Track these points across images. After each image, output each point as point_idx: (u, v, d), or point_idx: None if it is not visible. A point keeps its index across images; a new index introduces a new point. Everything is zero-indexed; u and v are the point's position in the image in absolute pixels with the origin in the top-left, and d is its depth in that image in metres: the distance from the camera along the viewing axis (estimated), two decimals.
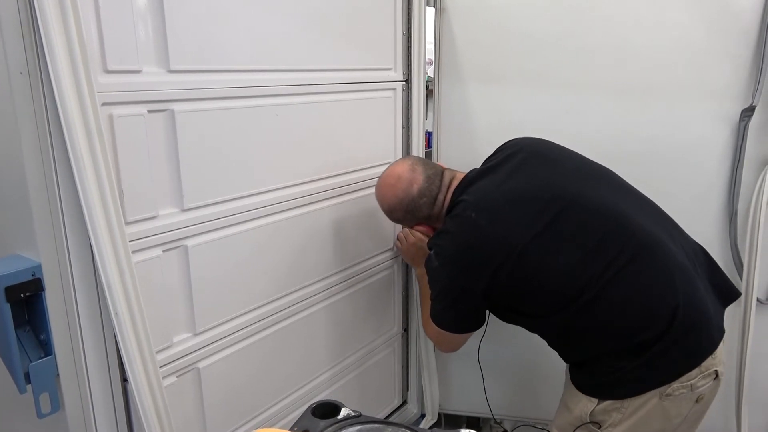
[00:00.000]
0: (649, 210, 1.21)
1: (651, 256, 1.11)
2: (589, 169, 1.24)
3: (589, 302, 1.09)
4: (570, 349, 1.20)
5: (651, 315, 1.08)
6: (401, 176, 1.28)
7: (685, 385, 1.07)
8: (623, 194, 1.21)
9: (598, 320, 1.11)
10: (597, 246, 1.11)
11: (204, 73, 1.07)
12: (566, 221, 1.12)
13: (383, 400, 1.81)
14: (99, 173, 0.89)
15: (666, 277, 1.10)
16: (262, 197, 1.22)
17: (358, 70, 1.44)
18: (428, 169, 1.29)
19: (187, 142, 1.05)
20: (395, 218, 1.35)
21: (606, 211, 1.14)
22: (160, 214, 1.04)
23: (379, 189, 1.33)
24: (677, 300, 1.08)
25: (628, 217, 1.14)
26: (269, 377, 1.33)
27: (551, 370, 1.70)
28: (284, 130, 1.25)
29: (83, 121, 0.86)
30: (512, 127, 1.66)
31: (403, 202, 1.28)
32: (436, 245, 1.21)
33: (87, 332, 0.95)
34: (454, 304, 1.21)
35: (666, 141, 1.61)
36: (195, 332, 1.14)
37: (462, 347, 1.33)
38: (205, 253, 1.12)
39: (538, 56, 1.63)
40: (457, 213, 1.20)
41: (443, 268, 1.19)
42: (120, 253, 0.92)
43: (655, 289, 1.09)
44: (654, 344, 1.07)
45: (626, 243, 1.11)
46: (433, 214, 1.28)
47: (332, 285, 1.47)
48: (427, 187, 1.26)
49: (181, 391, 1.13)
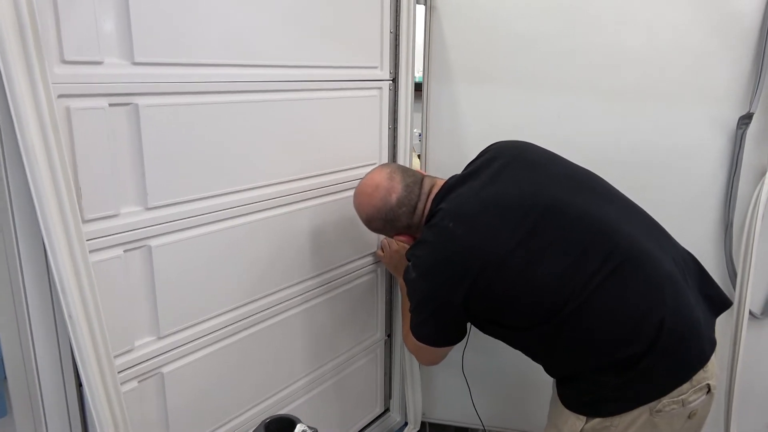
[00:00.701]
0: (637, 218, 1.16)
1: (637, 266, 1.06)
2: (575, 175, 1.20)
3: (571, 315, 1.05)
4: (554, 363, 1.15)
5: (636, 328, 1.03)
6: (379, 185, 1.23)
7: (676, 401, 1.02)
8: (610, 201, 1.17)
9: (582, 334, 1.06)
10: (580, 256, 1.06)
11: (172, 66, 1.03)
12: (547, 230, 1.08)
13: (365, 407, 1.76)
14: (53, 167, 0.84)
15: (652, 288, 1.05)
16: (233, 197, 1.17)
17: (341, 67, 1.39)
18: (407, 178, 1.24)
19: (152, 138, 1.01)
20: (374, 228, 1.30)
21: (590, 218, 1.09)
22: (122, 213, 0.99)
23: (357, 198, 1.29)
24: (664, 312, 1.03)
25: (613, 225, 1.10)
26: (239, 383, 1.29)
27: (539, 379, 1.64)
28: (260, 128, 1.21)
29: (36, 113, 0.82)
30: (503, 129, 1.62)
31: (381, 212, 1.23)
32: (413, 256, 1.17)
33: (38, 333, 0.91)
34: (432, 316, 1.17)
35: (660, 147, 1.56)
36: (159, 336, 1.09)
37: (447, 356, 1.28)
38: (171, 254, 1.08)
39: (530, 57, 1.58)
40: (435, 222, 1.16)
41: (421, 280, 1.14)
42: (76, 253, 0.88)
43: (641, 301, 1.04)
44: (641, 358, 1.02)
45: (611, 252, 1.06)
46: (413, 223, 1.24)
47: (309, 289, 1.42)
48: (405, 196, 1.22)
49: (143, 397, 1.08)
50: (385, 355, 1.78)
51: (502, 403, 1.84)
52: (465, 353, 1.61)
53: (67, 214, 0.86)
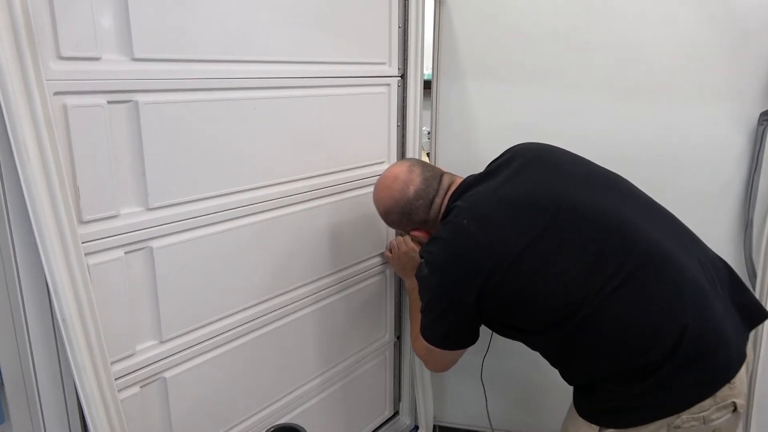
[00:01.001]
0: (660, 219, 1.11)
1: (657, 269, 1.01)
2: (596, 175, 1.15)
3: (586, 319, 1.00)
4: (569, 370, 1.11)
5: (655, 334, 0.98)
6: (398, 177, 1.22)
7: (696, 417, 0.97)
8: (631, 201, 1.12)
9: (597, 339, 1.01)
10: (596, 257, 1.01)
11: (173, 62, 0.99)
12: (562, 230, 1.04)
13: (373, 410, 1.73)
14: (47, 167, 0.81)
15: (674, 293, 1.00)
16: (237, 197, 1.14)
17: (349, 63, 1.36)
18: (426, 172, 1.23)
19: (153, 136, 0.98)
20: (391, 221, 1.28)
21: (607, 219, 1.05)
22: (122, 213, 0.96)
23: (376, 190, 1.27)
24: (686, 319, 0.97)
25: (632, 225, 1.05)
26: (244, 388, 1.25)
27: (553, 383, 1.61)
28: (264, 126, 1.17)
29: (29, 111, 0.79)
30: (513, 127, 1.59)
31: (399, 204, 1.21)
32: (427, 252, 1.14)
33: (36, 338, 0.88)
34: (443, 315, 1.13)
35: (677, 145, 1.51)
36: (161, 340, 1.06)
37: (459, 361, 1.24)
38: (173, 256, 1.05)
39: (542, 53, 1.54)
40: (449, 219, 1.13)
41: (433, 277, 1.11)
42: (70, 255, 0.85)
43: (660, 306, 0.99)
44: (659, 368, 0.96)
45: (629, 254, 1.01)
46: (430, 218, 1.21)
47: (316, 291, 1.39)
48: (423, 189, 1.20)
49: (145, 403, 1.06)
50: (394, 357, 1.74)
51: (514, 407, 1.80)
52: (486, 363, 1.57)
53: (61, 214, 0.84)
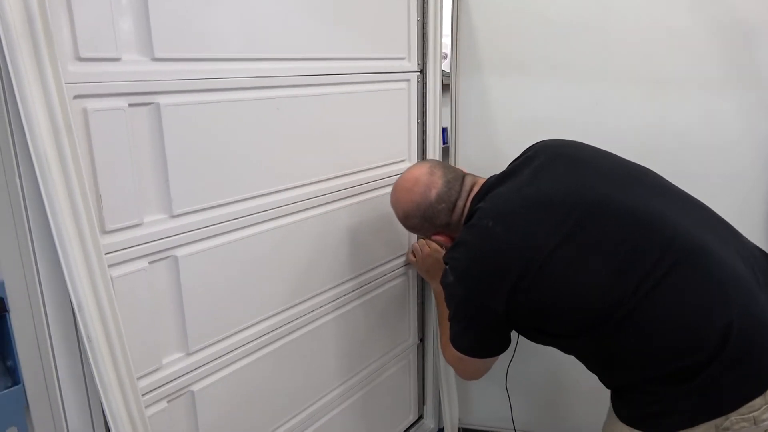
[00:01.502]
0: (695, 211, 1.06)
1: (696, 265, 0.96)
2: (624, 170, 1.10)
3: (623, 321, 0.95)
4: (607, 373, 1.06)
5: (699, 334, 0.93)
6: (419, 180, 1.16)
7: (746, 417, 0.92)
8: (663, 195, 1.07)
9: (636, 342, 0.96)
10: (630, 255, 0.96)
11: (194, 61, 0.95)
12: (593, 228, 0.99)
13: (398, 415, 1.69)
14: (68, 175, 0.77)
15: (716, 289, 0.95)
16: (261, 201, 1.10)
17: (368, 59, 1.31)
18: (448, 173, 1.17)
19: (175, 139, 0.93)
20: (411, 225, 1.22)
21: (639, 214, 1.00)
22: (146, 222, 0.92)
23: (395, 193, 1.21)
24: (731, 315, 0.92)
25: (667, 220, 1.00)
26: (273, 397, 1.21)
27: (579, 385, 1.57)
28: (287, 126, 1.13)
29: (48, 116, 0.75)
30: (536, 121, 1.54)
31: (420, 208, 1.16)
32: (451, 258, 1.08)
33: (61, 358, 0.84)
34: (472, 323, 1.08)
35: (706, 136, 1.46)
36: (188, 352, 1.02)
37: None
38: (198, 264, 1.00)
39: (564, 44, 1.49)
40: (473, 222, 1.08)
41: (459, 283, 1.06)
42: (93, 269, 0.81)
43: (703, 303, 0.94)
44: (705, 368, 0.92)
45: (665, 250, 0.96)
46: (452, 222, 1.16)
47: (341, 295, 1.34)
48: (446, 192, 1.14)
49: (173, 418, 1.01)
50: (418, 360, 1.70)
51: (539, 409, 1.76)
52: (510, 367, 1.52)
53: (84, 225, 0.79)
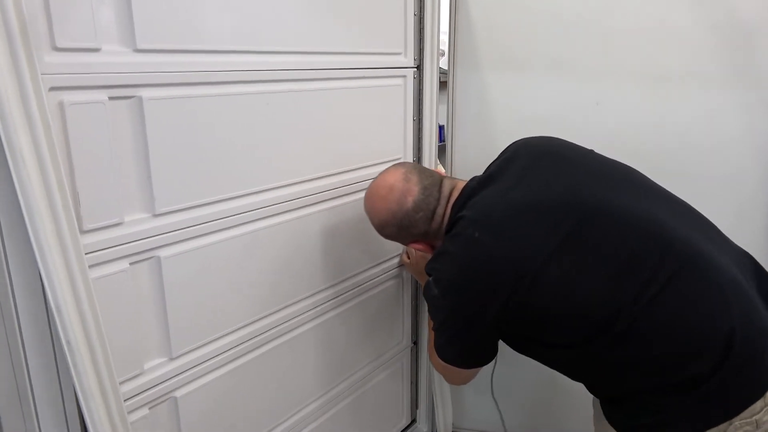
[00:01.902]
0: (686, 215, 1.03)
1: (695, 271, 0.92)
2: (612, 170, 1.06)
3: (624, 331, 0.91)
4: (603, 384, 1.02)
5: (702, 342, 0.90)
6: (394, 187, 1.09)
7: (748, 421, 0.89)
8: (653, 197, 1.03)
9: (637, 352, 0.92)
10: (628, 262, 0.92)
11: (179, 53, 0.91)
12: (588, 234, 0.94)
13: (390, 419, 1.65)
14: (45, 171, 0.73)
15: (718, 295, 0.92)
16: (249, 200, 1.06)
17: (362, 54, 1.27)
18: (425, 179, 1.10)
19: (158, 135, 0.89)
20: (387, 234, 1.16)
21: (636, 219, 0.96)
22: (127, 221, 0.88)
23: (369, 201, 1.14)
24: (733, 322, 0.89)
25: (662, 224, 0.96)
26: (261, 403, 1.17)
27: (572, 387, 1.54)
28: (276, 122, 1.09)
29: (23, 109, 0.70)
30: (535, 119, 1.50)
31: (396, 217, 1.09)
32: (434, 270, 1.03)
33: (35, 363, 0.80)
34: (457, 336, 1.03)
35: (706, 135, 1.43)
36: (171, 357, 0.98)
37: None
38: (182, 266, 0.96)
39: (564, 40, 1.45)
40: (457, 232, 1.01)
41: (444, 298, 1.01)
42: (73, 268, 0.77)
43: (705, 310, 0.91)
44: (710, 376, 0.89)
45: (664, 257, 0.92)
46: (431, 230, 1.10)
47: (334, 296, 1.31)
48: (423, 200, 1.08)
49: (155, 425, 0.97)
50: (411, 363, 1.67)
51: (531, 412, 1.73)
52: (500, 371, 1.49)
53: (62, 223, 0.75)
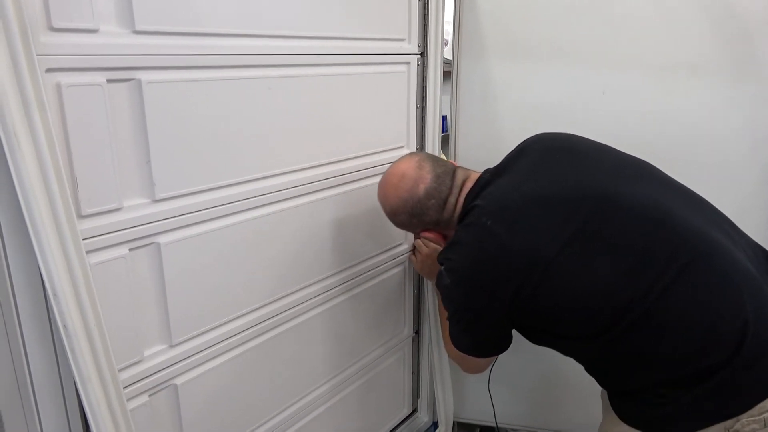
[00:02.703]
0: (700, 208, 1.02)
1: (708, 263, 0.91)
2: (625, 163, 1.05)
3: (635, 323, 0.91)
4: (613, 376, 1.01)
5: (715, 334, 0.89)
6: (406, 174, 1.10)
7: (757, 419, 0.88)
8: (668, 191, 1.02)
9: (649, 344, 0.92)
10: (641, 254, 0.92)
11: (179, 36, 0.89)
12: (601, 226, 0.94)
13: (391, 409, 1.65)
14: (41, 155, 0.71)
15: (731, 288, 0.91)
16: (250, 186, 1.04)
17: (366, 39, 1.25)
18: (437, 168, 1.10)
19: (158, 119, 0.87)
20: (399, 222, 1.16)
21: (650, 211, 0.95)
22: (126, 206, 0.87)
23: (382, 188, 1.15)
24: (746, 315, 0.88)
25: (676, 217, 0.95)
26: (262, 391, 1.17)
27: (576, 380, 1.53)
28: (278, 108, 1.07)
29: (18, 90, 0.69)
30: (541, 109, 1.49)
31: (407, 204, 1.10)
32: (447, 260, 1.03)
33: (33, 349, 0.79)
34: (471, 326, 1.04)
35: (713, 127, 1.41)
36: (171, 344, 0.97)
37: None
38: (182, 252, 0.95)
39: (572, 28, 1.43)
40: (470, 221, 1.02)
41: (456, 288, 1.01)
42: (70, 253, 0.75)
43: (718, 303, 0.90)
44: (720, 369, 0.88)
45: (677, 249, 0.91)
46: (443, 219, 1.10)
47: (334, 286, 1.29)
48: (435, 188, 1.08)
49: (155, 412, 0.97)
50: (413, 353, 1.66)
51: (532, 403, 1.73)
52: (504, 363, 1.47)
53: (59, 208, 0.74)
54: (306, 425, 1.31)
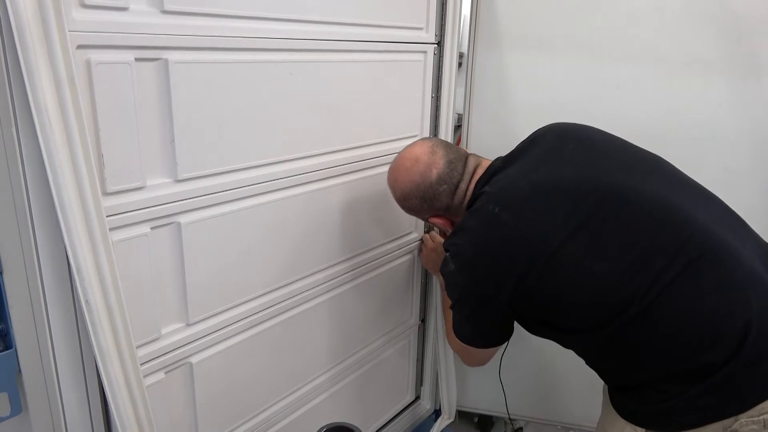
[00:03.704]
0: (711, 206, 1.02)
1: (715, 261, 0.92)
2: (637, 157, 1.05)
3: (636, 317, 0.91)
4: (613, 370, 1.02)
5: (716, 332, 0.89)
6: (419, 159, 1.10)
7: (756, 420, 0.88)
8: (679, 186, 1.02)
9: (650, 339, 0.92)
10: (646, 248, 0.92)
11: (206, 17, 0.89)
12: (608, 218, 0.94)
13: (395, 395, 1.66)
14: (69, 130, 0.72)
15: (736, 287, 0.91)
16: (269, 170, 1.05)
17: (385, 27, 1.25)
18: (450, 153, 1.11)
19: (183, 99, 0.88)
20: (409, 207, 1.16)
21: (658, 205, 0.95)
22: (149, 185, 0.87)
23: (393, 172, 1.15)
24: (750, 314, 0.89)
25: (685, 213, 0.95)
26: (272, 373, 1.18)
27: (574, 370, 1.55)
28: (299, 93, 1.07)
29: (50, 65, 0.69)
30: (555, 101, 1.49)
31: (419, 188, 1.10)
32: (452, 245, 1.03)
33: (56, 322, 0.80)
34: (474, 314, 1.04)
35: (730, 123, 1.41)
36: (188, 323, 0.98)
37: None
38: (202, 232, 0.96)
39: (588, 21, 1.43)
40: (477, 207, 1.02)
41: (460, 273, 1.01)
42: (94, 230, 0.76)
43: (723, 301, 0.90)
44: (721, 367, 0.88)
45: (683, 245, 0.92)
46: (453, 205, 1.10)
47: (345, 272, 1.30)
48: (447, 173, 1.08)
49: (170, 389, 0.98)
50: (418, 340, 1.67)
51: (534, 394, 1.74)
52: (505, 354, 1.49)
53: (85, 184, 0.75)
54: (312, 409, 1.32)
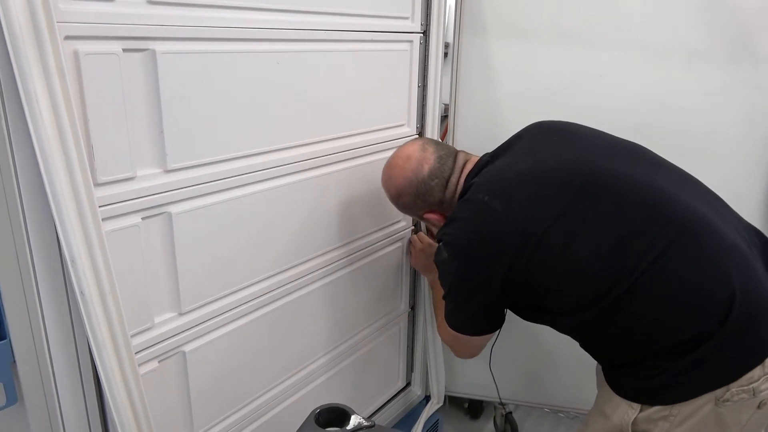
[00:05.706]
0: (691, 185, 1.06)
1: (697, 238, 0.95)
2: (620, 145, 1.09)
3: (623, 296, 0.94)
4: (606, 350, 1.06)
5: (702, 307, 0.93)
6: (411, 156, 1.15)
7: (746, 389, 0.93)
8: (660, 170, 1.06)
9: (637, 317, 0.96)
10: (630, 229, 0.96)
11: (193, 7, 0.89)
12: (592, 201, 0.97)
13: (386, 382, 1.69)
14: (60, 122, 0.72)
15: (717, 262, 0.95)
16: (259, 159, 1.06)
17: (371, 16, 1.26)
18: (440, 150, 1.16)
19: (171, 89, 0.88)
20: (403, 204, 1.20)
21: (640, 187, 0.99)
22: (139, 175, 0.88)
23: (387, 171, 1.19)
24: (733, 287, 0.92)
25: (667, 193, 0.99)
26: (265, 360, 1.19)
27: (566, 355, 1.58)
28: (286, 82, 1.08)
29: (39, 56, 0.70)
30: (539, 90, 1.51)
31: (412, 184, 1.14)
32: (445, 234, 1.07)
33: (49, 311, 0.80)
34: (467, 301, 1.07)
35: (713, 111, 1.44)
36: (180, 312, 0.99)
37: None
38: (193, 222, 0.97)
39: (572, 10, 1.45)
40: (468, 197, 1.06)
41: (453, 260, 1.04)
42: (87, 220, 0.77)
43: (705, 277, 0.94)
44: (707, 340, 0.92)
45: (666, 224, 0.95)
46: (446, 198, 1.14)
47: (335, 260, 1.32)
48: (438, 168, 1.13)
49: (164, 378, 0.99)
50: (408, 328, 1.69)
51: (523, 378, 1.78)
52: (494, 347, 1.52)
53: (77, 175, 0.75)
54: (304, 396, 1.34)
